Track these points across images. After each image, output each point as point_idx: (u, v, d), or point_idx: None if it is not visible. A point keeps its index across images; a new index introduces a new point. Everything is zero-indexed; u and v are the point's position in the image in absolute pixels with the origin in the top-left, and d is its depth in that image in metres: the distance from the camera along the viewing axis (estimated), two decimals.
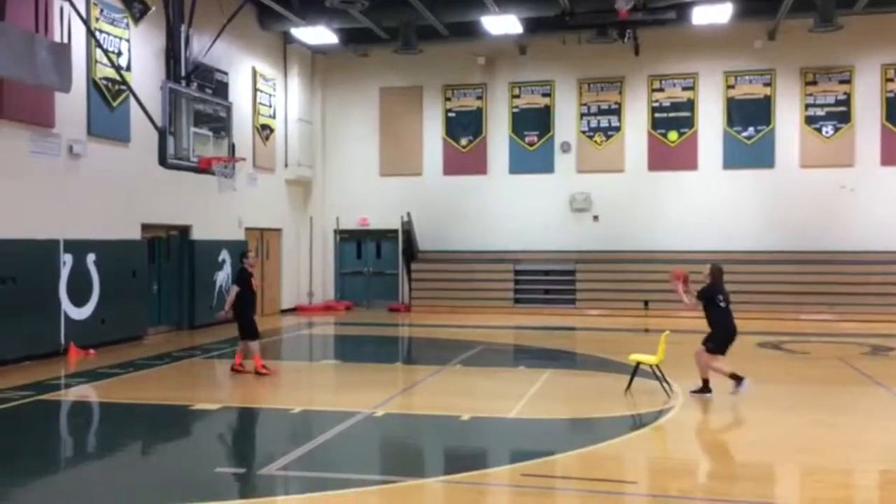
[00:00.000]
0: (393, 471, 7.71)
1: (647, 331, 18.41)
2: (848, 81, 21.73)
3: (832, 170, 21.69)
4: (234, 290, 12.47)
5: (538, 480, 7.16)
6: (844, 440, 8.67)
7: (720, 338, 10.56)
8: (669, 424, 9.32)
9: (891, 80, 21.45)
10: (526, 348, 16.68)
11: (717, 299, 10.57)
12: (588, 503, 6.61)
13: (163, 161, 13.46)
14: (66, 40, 13.88)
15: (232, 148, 15.13)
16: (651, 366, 10.84)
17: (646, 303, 21.73)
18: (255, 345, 12.48)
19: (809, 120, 21.95)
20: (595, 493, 6.78)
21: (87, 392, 11.67)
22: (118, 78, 15.30)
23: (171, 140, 13.42)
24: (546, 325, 19.53)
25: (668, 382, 10.82)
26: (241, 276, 12.63)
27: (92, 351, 14.52)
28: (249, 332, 12.51)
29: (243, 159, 17.08)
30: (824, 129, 21.86)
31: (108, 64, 15.06)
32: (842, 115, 21.75)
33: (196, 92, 14.70)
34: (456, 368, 13.36)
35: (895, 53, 21.42)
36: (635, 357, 11.12)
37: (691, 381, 10.80)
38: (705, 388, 10.56)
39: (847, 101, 21.72)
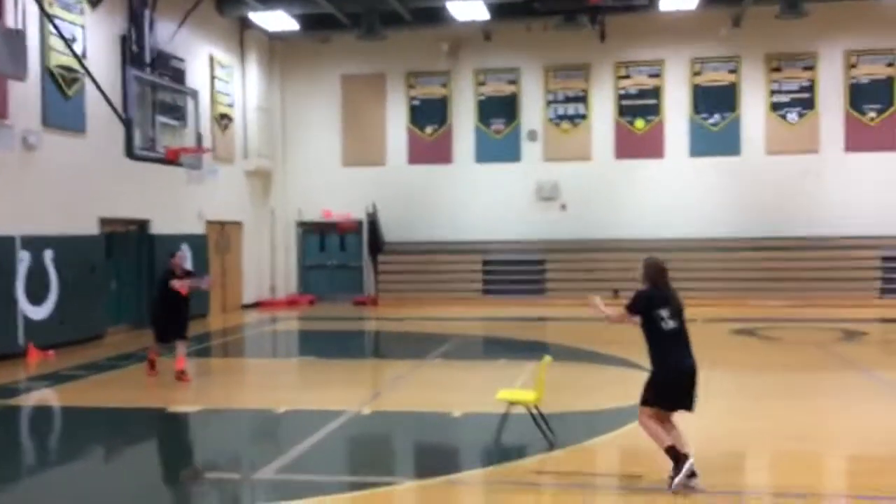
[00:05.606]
0: (391, 472, 7.38)
1: None
2: (812, 68, 21.85)
3: (797, 156, 21.80)
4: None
5: (544, 477, 6.90)
6: (829, 425, 8.65)
7: (660, 382, 6.67)
8: None
9: (854, 66, 21.63)
10: (502, 340, 16.39)
11: (657, 314, 6.59)
12: (595, 497, 6.38)
13: (130, 153, 12.85)
14: (20, 26, 13.15)
15: (199, 138, 14.55)
16: (528, 405, 8.02)
17: (615, 291, 21.61)
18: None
19: (774, 106, 22.03)
20: (600, 488, 6.56)
21: (50, 396, 11.08)
22: (73, 66, 14.58)
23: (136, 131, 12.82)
24: (517, 316, 19.27)
25: (549, 427, 8.05)
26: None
27: (51, 352, 13.84)
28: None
29: (211, 150, 16.48)
30: (789, 116, 21.97)
31: (63, 51, 14.33)
32: (806, 101, 21.87)
33: (160, 80, 14.08)
34: (436, 362, 13.03)
35: (858, 40, 21.57)
36: (505, 395, 8.20)
37: None
38: (677, 463, 6.42)
39: (811, 88, 21.85)
